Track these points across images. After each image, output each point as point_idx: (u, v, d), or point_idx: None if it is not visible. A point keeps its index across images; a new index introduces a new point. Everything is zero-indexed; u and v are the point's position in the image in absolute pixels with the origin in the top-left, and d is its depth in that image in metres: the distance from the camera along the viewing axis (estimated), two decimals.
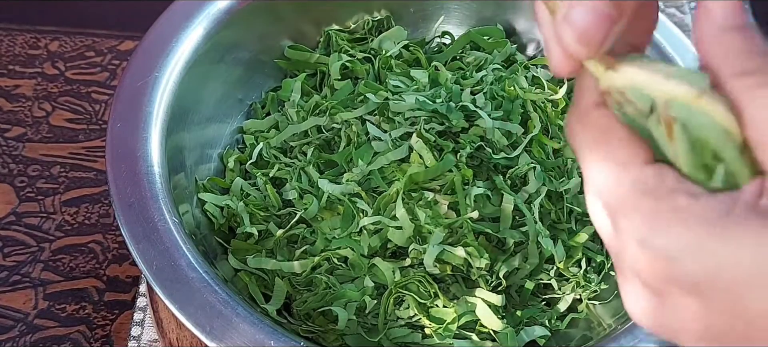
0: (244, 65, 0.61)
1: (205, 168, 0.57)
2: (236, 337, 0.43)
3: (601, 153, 0.28)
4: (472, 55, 0.64)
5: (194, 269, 0.45)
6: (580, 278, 0.53)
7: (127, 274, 0.66)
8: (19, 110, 0.76)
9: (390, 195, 0.52)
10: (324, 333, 0.50)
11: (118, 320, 0.64)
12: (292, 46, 0.63)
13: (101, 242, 0.68)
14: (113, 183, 0.48)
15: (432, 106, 0.56)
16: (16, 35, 0.82)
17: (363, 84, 0.59)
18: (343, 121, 0.57)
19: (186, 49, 0.55)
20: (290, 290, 0.52)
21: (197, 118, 0.57)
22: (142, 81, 0.53)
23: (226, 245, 0.54)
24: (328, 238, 0.52)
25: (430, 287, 0.50)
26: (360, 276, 0.52)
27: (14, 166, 0.72)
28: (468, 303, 0.50)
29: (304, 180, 0.55)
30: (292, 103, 0.60)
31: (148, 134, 0.50)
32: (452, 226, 0.52)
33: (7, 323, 0.63)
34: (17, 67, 0.79)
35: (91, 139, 0.75)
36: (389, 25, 0.65)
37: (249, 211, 0.54)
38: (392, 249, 0.52)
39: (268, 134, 0.59)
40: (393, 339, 0.50)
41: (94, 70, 0.79)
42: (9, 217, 0.69)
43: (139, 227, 0.46)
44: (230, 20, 0.58)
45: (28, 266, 0.66)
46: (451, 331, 0.50)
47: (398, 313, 0.51)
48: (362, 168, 0.54)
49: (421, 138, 0.54)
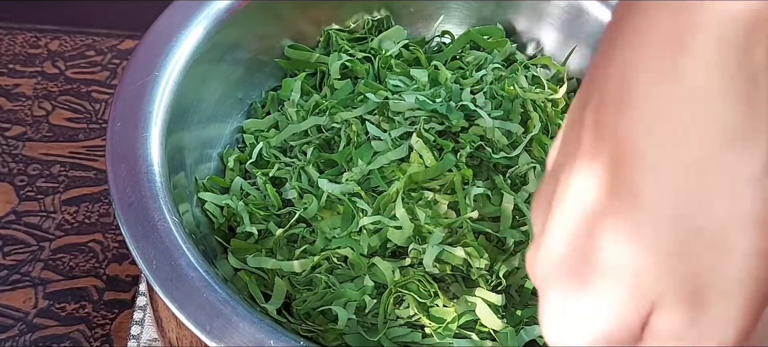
0: (244, 65, 0.61)
1: (205, 167, 0.57)
2: (236, 336, 0.43)
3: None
4: (472, 55, 0.64)
5: (194, 268, 0.45)
6: None
7: (126, 273, 0.66)
8: (19, 109, 0.76)
9: (390, 195, 0.52)
10: (324, 333, 0.50)
11: (117, 319, 0.64)
12: (292, 45, 0.63)
13: (101, 241, 0.68)
14: (113, 182, 0.48)
15: (432, 105, 0.56)
16: (16, 34, 0.82)
17: (363, 83, 0.59)
18: (342, 120, 0.57)
19: (186, 49, 0.55)
20: (290, 289, 0.52)
21: (197, 118, 0.57)
22: (142, 80, 0.53)
23: (226, 244, 0.54)
24: (327, 238, 0.52)
25: (430, 286, 0.50)
26: (360, 276, 0.52)
27: (14, 165, 0.72)
28: (468, 303, 0.50)
29: (303, 179, 0.55)
30: (292, 103, 0.60)
31: (148, 133, 0.50)
32: (452, 226, 0.52)
33: (7, 322, 0.63)
34: (17, 66, 0.79)
35: (91, 138, 0.75)
36: (389, 25, 0.65)
37: (249, 211, 0.54)
38: (392, 248, 0.52)
39: (268, 134, 0.59)
40: (393, 338, 0.50)
41: (95, 70, 0.79)
42: (9, 216, 0.69)
43: (139, 226, 0.46)
44: (230, 20, 0.58)
45: (28, 265, 0.66)
46: (451, 331, 0.50)
47: (398, 313, 0.51)
48: (362, 167, 0.54)
49: (420, 137, 0.54)
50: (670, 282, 0.25)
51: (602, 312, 0.26)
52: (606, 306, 0.26)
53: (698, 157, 0.24)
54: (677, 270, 0.25)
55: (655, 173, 0.25)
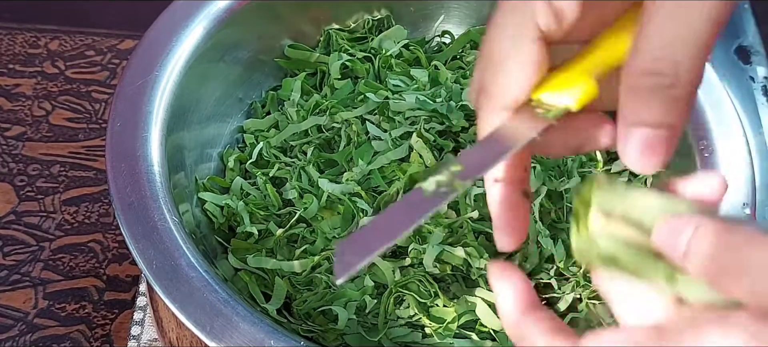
0: (244, 64, 0.61)
1: (205, 167, 0.57)
2: (236, 336, 0.43)
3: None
4: (472, 54, 0.64)
5: (194, 268, 0.45)
6: (580, 277, 0.53)
7: (127, 273, 0.66)
8: (19, 109, 0.76)
9: (390, 195, 0.52)
10: (324, 333, 0.50)
11: (118, 319, 0.64)
12: (292, 45, 0.63)
13: (101, 241, 0.68)
14: (113, 182, 0.48)
15: (432, 105, 0.56)
16: (16, 34, 0.82)
17: (363, 83, 0.59)
18: (343, 120, 0.57)
19: (186, 49, 0.55)
20: (290, 289, 0.52)
21: (197, 117, 0.57)
22: (142, 80, 0.53)
23: (226, 244, 0.54)
24: (328, 238, 0.52)
25: (430, 286, 0.50)
26: (360, 276, 0.52)
27: (14, 165, 0.72)
28: (468, 303, 0.50)
29: (304, 179, 0.55)
30: (292, 103, 0.60)
31: (148, 133, 0.50)
32: (452, 226, 0.52)
33: (7, 322, 0.63)
34: (17, 66, 0.79)
35: (91, 138, 0.75)
36: (389, 25, 0.65)
37: (249, 211, 0.54)
38: (392, 248, 0.52)
39: (268, 133, 0.59)
40: (393, 338, 0.50)
41: (94, 69, 0.79)
42: (9, 216, 0.69)
43: (139, 226, 0.46)
44: (230, 19, 0.58)
45: (28, 265, 0.66)
46: (451, 330, 0.50)
47: (398, 313, 0.51)
48: (362, 167, 0.54)
49: (421, 137, 0.54)
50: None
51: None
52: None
53: None
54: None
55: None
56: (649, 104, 0.29)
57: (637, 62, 0.30)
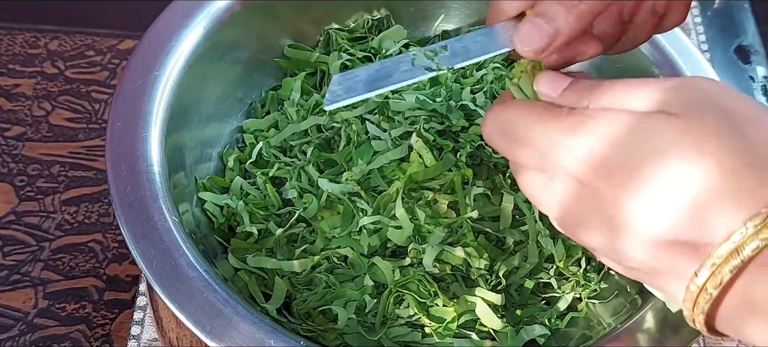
0: (244, 64, 0.61)
1: (204, 167, 0.57)
2: (236, 336, 0.43)
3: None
4: None
5: (194, 268, 0.45)
6: (579, 277, 0.53)
7: (127, 273, 0.66)
8: (18, 109, 0.76)
9: (390, 195, 0.52)
10: (324, 332, 0.50)
11: (118, 319, 0.64)
12: (291, 45, 0.63)
13: (101, 241, 0.68)
14: (113, 182, 0.48)
15: (432, 105, 0.56)
16: (15, 34, 0.82)
17: None
18: (342, 120, 0.57)
19: (186, 48, 0.55)
20: (290, 289, 0.52)
21: (197, 117, 0.57)
22: (141, 80, 0.53)
23: (225, 244, 0.54)
24: (327, 237, 0.52)
25: (430, 286, 0.50)
26: (360, 276, 0.52)
27: (14, 165, 0.72)
28: (468, 303, 0.50)
29: (303, 179, 0.55)
30: (291, 102, 0.60)
31: (147, 133, 0.50)
32: (452, 226, 0.52)
33: (7, 322, 0.63)
34: (17, 66, 0.79)
35: (90, 138, 0.75)
36: (389, 24, 0.65)
37: (249, 210, 0.54)
38: (392, 248, 0.52)
39: (268, 133, 0.59)
40: (393, 338, 0.50)
41: (94, 69, 0.79)
42: (9, 216, 0.69)
43: (139, 226, 0.46)
44: (230, 19, 0.58)
45: (28, 265, 0.67)
46: (450, 330, 0.50)
47: (398, 312, 0.51)
48: (362, 167, 0.54)
49: (420, 137, 0.54)
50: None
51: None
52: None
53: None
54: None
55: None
56: (556, 7, 0.37)
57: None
